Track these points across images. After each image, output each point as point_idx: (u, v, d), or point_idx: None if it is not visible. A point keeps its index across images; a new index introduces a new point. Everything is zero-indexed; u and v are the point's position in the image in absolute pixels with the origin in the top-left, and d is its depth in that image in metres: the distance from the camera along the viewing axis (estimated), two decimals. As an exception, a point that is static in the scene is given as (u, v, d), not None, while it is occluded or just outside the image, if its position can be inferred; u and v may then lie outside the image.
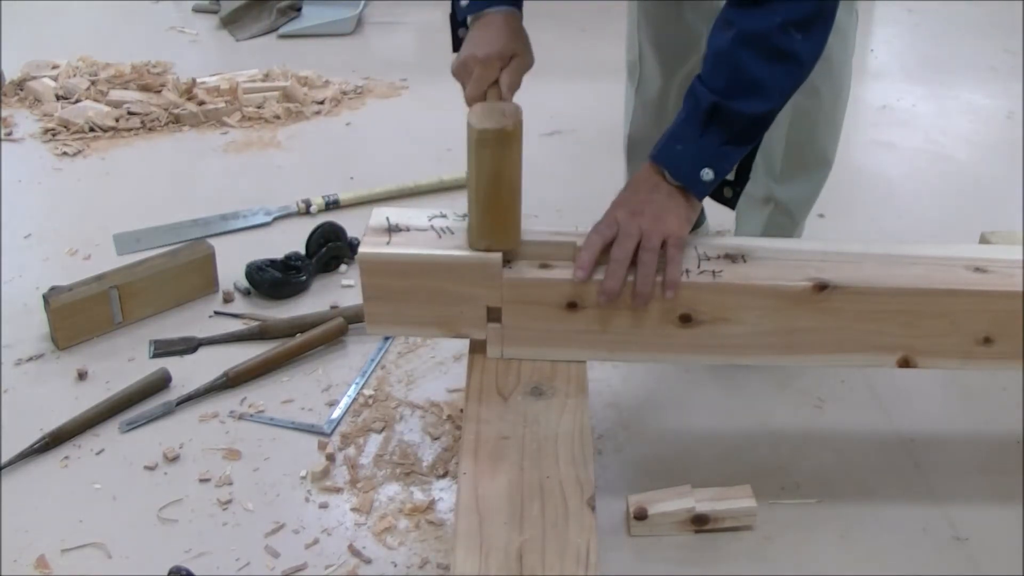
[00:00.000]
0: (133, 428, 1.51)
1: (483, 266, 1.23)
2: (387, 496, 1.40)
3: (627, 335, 1.26)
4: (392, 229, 1.28)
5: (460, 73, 1.32)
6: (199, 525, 1.35)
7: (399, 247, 1.24)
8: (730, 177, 1.28)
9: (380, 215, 1.31)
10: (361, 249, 1.24)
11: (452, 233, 1.27)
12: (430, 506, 1.38)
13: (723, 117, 1.21)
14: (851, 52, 1.58)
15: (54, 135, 2.47)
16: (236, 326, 1.76)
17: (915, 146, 2.58)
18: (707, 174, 1.23)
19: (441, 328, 1.28)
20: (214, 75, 2.78)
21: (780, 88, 1.22)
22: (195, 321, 1.78)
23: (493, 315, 1.27)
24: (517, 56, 1.31)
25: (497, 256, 1.23)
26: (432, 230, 1.28)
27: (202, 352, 1.70)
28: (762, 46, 1.19)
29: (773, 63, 1.20)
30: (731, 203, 1.31)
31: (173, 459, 1.46)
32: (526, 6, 1.37)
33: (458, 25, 1.38)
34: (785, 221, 1.72)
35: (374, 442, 1.50)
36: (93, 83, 2.70)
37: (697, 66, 1.25)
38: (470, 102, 1.31)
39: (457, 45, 1.38)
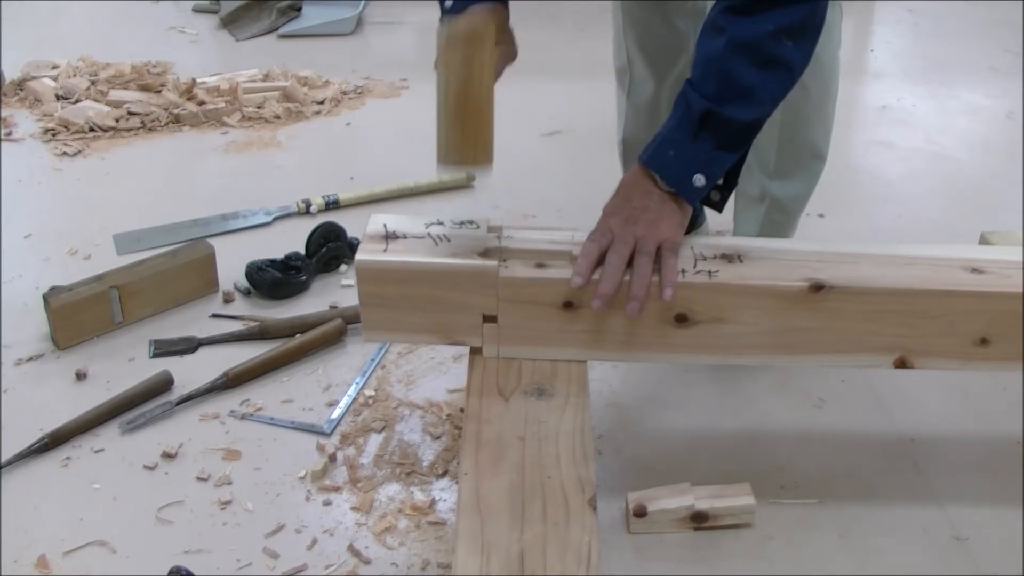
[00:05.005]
0: (133, 428, 1.51)
1: (479, 274, 1.23)
2: (387, 496, 1.40)
3: (623, 335, 1.26)
4: (389, 236, 1.28)
5: None
6: (199, 525, 1.35)
7: (396, 254, 1.24)
8: (719, 181, 1.28)
9: (377, 222, 1.31)
10: (358, 256, 1.24)
11: (449, 240, 1.27)
12: (430, 506, 1.38)
13: (715, 123, 1.21)
14: (837, 46, 1.59)
15: (54, 135, 2.47)
16: (236, 326, 1.76)
17: (915, 146, 2.58)
18: (699, 180, 1.23)
19: (437, 335, 1.28)
20: (214, 75, 2.78)
21: (771, 95, 1.23)
22: (195, 321, 1.78)
23: (489, 321, 1.27)
24: (501, 45, 1.30)
25: (493, 264, 1.23)
26: (429, 237, 1.28)
27: (202, 352, 1.70)
28: (754, 53, 1.19)
29: (765, 70, 1.20)
30: (719, 207, 1.32)
31: (173, 459, 1.46)
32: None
33: None
34: (781, 218, 1.72)
35: (374, 442, 1.50)
36: (93, 83, 2.70)
37: (687, 68, 1.26)
38: None
39: None
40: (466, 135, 1.23)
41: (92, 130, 2.49)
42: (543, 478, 1.11)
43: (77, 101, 2.61)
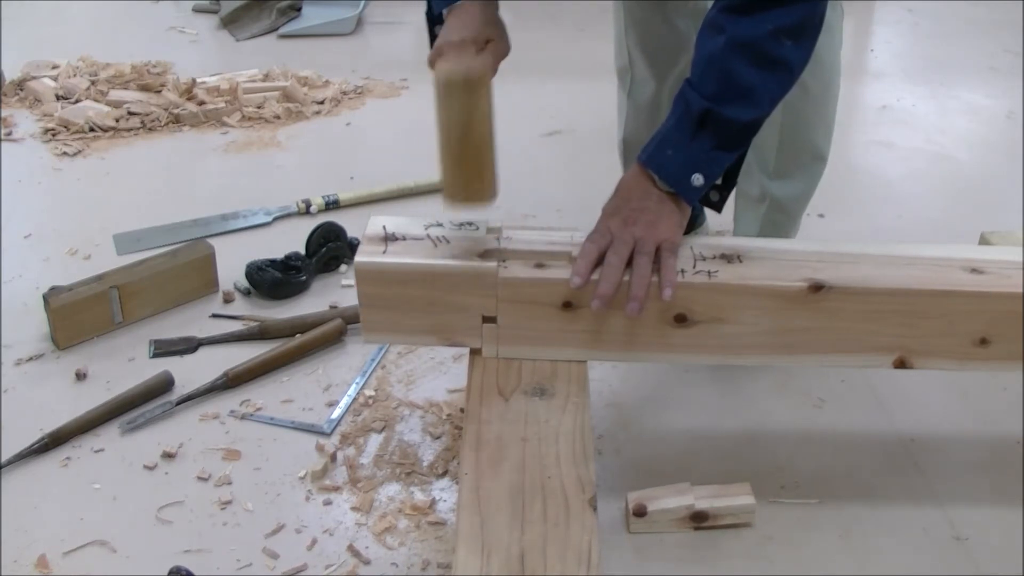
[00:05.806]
0: (133, 428, 1.51)
1: (479, 275, 1.23)
2: (387, 496, 1.40)
3: (622, 335, 1.26)
4: (388, 238, 1.28)
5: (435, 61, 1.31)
6: (199, 525, 1.35)
7: (395, 256, 1.25)
8: (717, 181, 1.28)
9: (376, 224, 1.31)
10: (357, 258, 1.24)
11: (448, 242, 1.27)
12: (430, 506, 1.38)
13: (714, 123, 1.21)
14: (838, 46, 1.59)
15: (54, 135, 2.47)
16: (236, 326, 1.76)
17: (915, 146, 2.59)
18: (697, 179, 1.23)
19: (437, 336, 1.28)
20: (214, 75, 2.78)
21: (771, 95, 1.23)
22: (195, 321, 1.78)
23: (489, 322, 1.27)
24: (493, 41, 1.30)
25: (492, 265, 1.23)
26: (428, 239, 1.28)
27: (202, 352, 1.70)
28: (753, 53, 1.20)
29: (764, 70, 1.20)
30: (718, 207, 1.32)
31: (173, 459, 1.46)
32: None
33: (434, 22, 1.38)
34: (781, 218, 1.72)
35: (374, 442, 1.50)
36: (93, 83, 2.71)
37: (687, 68, 1.26)
38: None
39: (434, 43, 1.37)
40: (470, 177, 1.25)
41: (92, 130, 2.49)
42: (543, 478, 1.11)
43: (77, 101, 2.61)
